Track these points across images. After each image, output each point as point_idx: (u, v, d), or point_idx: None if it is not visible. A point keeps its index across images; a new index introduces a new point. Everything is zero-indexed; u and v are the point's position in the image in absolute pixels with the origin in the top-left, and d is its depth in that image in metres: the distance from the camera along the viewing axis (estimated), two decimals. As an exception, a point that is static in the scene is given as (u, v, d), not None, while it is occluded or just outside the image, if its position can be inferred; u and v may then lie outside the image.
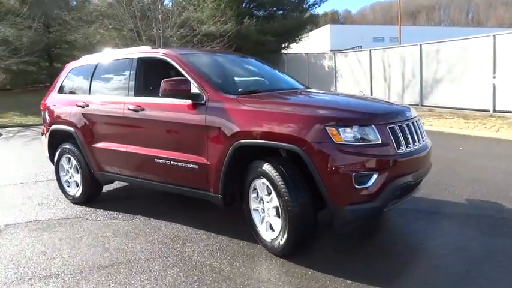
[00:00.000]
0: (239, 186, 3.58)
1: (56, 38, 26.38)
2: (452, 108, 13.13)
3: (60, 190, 5.29)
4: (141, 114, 4.12)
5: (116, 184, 5.56)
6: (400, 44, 24.30)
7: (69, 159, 5.07)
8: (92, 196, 5.01)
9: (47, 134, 5.33)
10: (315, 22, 29.58)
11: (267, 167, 3.23)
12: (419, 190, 3.81)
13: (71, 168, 5.09)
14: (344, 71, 19.14)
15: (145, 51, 4.48)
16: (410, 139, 3.33)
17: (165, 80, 3.69)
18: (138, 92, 4.31)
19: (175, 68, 3.99)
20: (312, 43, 34.78)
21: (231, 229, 3.92)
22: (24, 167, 7.40)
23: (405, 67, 15.34)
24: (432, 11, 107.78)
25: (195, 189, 3.84)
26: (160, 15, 19.49)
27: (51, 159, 5.40)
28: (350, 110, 3.29)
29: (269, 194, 3.30)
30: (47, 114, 5.41)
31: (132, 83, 4.33)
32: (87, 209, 4.85)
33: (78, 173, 4.99)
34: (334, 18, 74.48)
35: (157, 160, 4.03)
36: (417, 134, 3.50)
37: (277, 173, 3.15)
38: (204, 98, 3.65)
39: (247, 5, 25.09)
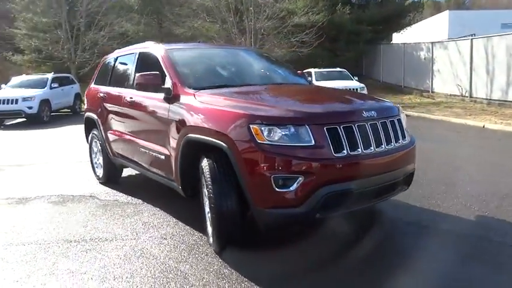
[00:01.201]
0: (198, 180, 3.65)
1: (166, 32, 28.71)
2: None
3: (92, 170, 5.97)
4: (132, 106, 4.43)
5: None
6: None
7: (96, 144, 5.67)
8: (110, 178, 5.53)
9: (84, 121, 6.03)
10: (418, 9, 27.15)
11: (204, 163, 3.24)
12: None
13: (98, 152, 5.69)
14: (441, 62, 17.36)
15: (145, 46, 4.76)
16: (361, 142, 3.01)
17: (139, 73, 3.91)
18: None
19: (159, 62, 4.17)
20: (426, 32, 31.98)
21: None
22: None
23: (512, 59, 13.34)
24: None
25: (167, 179, 4.01)
26: (251, 7, 19.91)
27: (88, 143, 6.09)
28: (282, 108, 3.08)
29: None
30: (85, 102, 6.12)
31: (132, 76, 4.65)
32: (106, 189, 5.37)
33: (101, 156, 5.56)
34: (458, 2, 67.17)
35: (140, 149, 4.32)
36: (379, 137, 3.14)
37: (208, 170, 3.15)
38: (171, 93, 3.78)
39: (343, -7, 24.22)
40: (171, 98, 3.75)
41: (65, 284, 2.93)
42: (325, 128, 2.91)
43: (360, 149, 3.01)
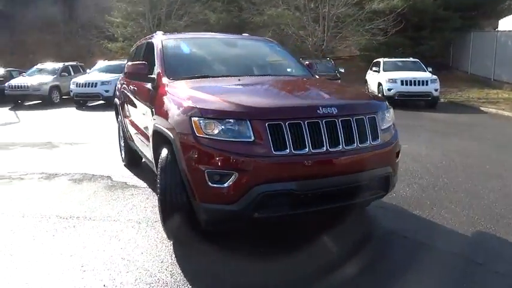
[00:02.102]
0: None
1: (245, 20, 29.03)
2: None
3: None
4: (133, 94, 4.63)
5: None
6: None
7: (120, 128, 6.04)
8: (131, 161, 5.86)
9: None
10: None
11: (161, 154, 3.28)
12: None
13: (121, 136, 6.06)
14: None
15: (152, 36, 4.90)
16: (309, 140, 2.81)
17: (129, 63, 4.06)
18: None
19: (154, 52, 4.28)
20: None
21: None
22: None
23: None
24: None
25: (151, 165, 4.14)
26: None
27: (119, 128, 6.51)
28: (228, 102, 2.96)
29: None
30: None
31: (140, 64, 4.84)
32: (125, 171, 5.72)
33: (123, 139, 5.91)
34: None
35: (136, 135, 4.52)
36: (336, 136, 2.90)
37: (160, 160, 3.19)
38: (155, 82, 3.87)
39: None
40: (155, 87, 3.84)
41: (33, 256, 3.22)
42: (266, 124, 2.76)
43: (307, 148, 2.81)
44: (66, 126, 10.85)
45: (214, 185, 2.78)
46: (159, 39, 4.44)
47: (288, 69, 4.46)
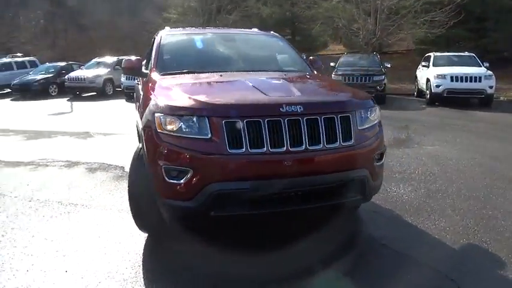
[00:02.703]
0: None
1: (297, 13, 28.69)
2: None
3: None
4: (136, 89, 4.78)
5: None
6: None
7: (139, 120, 6.27)
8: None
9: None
10: None
11: (137, 147, 3.36)
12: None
13: (140, 128, 6.29)
14: None
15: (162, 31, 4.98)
16: (268, 139, 2.73)
17: (125, 58, 4.19)
18: None
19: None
20: None
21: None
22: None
23: None
24: None
25: None
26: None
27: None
28: (191, 98, 2.91)
29: None
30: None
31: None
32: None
33: (140, 131, 6.14)
34: None
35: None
36: (300, 135, 2.79)
37: (134, 154, 3.27)
38: (147, 77, 3.96)
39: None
40: (145, 82, 3.94)
41: (19, 238, 3.46)
42: (223, 122, 2.72)
43: (264, 147, 2.73)
44: (109, 117, 11.44)
45: (172, 181, 2.79)
46: (160, 34, 4.53)
47: (284, 65, 4.33)
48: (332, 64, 14.59)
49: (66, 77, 17.59)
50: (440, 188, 4.62)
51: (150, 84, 3.56)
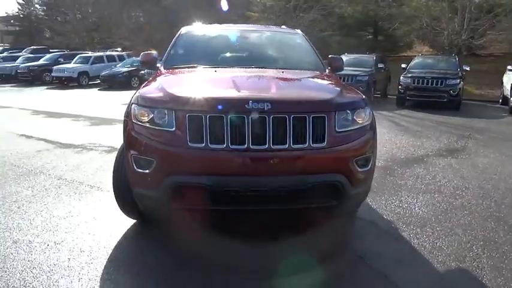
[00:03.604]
0: None
1: (381, 12, 27.45)
2: None
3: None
4: None
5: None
6: None
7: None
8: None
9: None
10: None
11: None
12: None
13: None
14: None
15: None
16: (229, 135, 2.70)
17: (143, 52, 4.40)
18: None
19: (174, 42, 4.53)
20: None
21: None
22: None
23: None
24: None
25: None
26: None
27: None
28: (166, 92, 2.96)
29: None
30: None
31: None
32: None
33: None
34: None
35: None
36: (263, 133, 2.72)
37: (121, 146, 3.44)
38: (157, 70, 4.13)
39: None
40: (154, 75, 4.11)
41: (32, 211, 3.86)
42: (187, 115, 2.76)
43: (224, 143, 2.71)
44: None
45: (140, 170, 2.90)
46: (180, 30, 4.68)
47: (296, 63, 4.19)
48: (403, 66, 13.74)
49: (146, 70, 18.86)
50: (464, 204, 4.15)
51: (154, 78, 3.71)
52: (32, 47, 31.80)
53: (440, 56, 15.38)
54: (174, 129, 2.79)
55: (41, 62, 22.94)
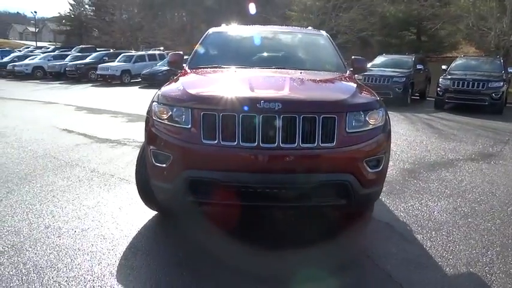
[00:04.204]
0: None
1: (424, 12, 26.64)
2: None
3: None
4: None
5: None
6: None
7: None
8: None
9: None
10: None
11: None
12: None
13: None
14: None
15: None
16: (240, 133, 2.83)
17: (172, 52, 4.60)
18: None
19: (201, 43, 4.71)
20: None
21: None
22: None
23: None
24: None
25: None
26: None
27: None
28: (185, 91, 3.12)
29: None
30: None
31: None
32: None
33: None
34: None
35: None
36: (273, 132, 2.82)
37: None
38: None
39: None
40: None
41: (64, 199, 4.17)
42: (202, 114, 2.91)
43: (235, 141, 2.83)
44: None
45: (158, 164, 3.08)
46: (209, 30, 4.86)
47: (317, 64, 4.25)
48: (444, 67, 13.32)
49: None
50: (487, 210, 4.05)
51: (177, 77, 3.90)
52: (80, 46, 33.49)
53: (484, 57, 14.73)
54: (189, 126, 2.95)
55: (87, 60, 24.14)
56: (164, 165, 3.04)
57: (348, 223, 3.65)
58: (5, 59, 28.73)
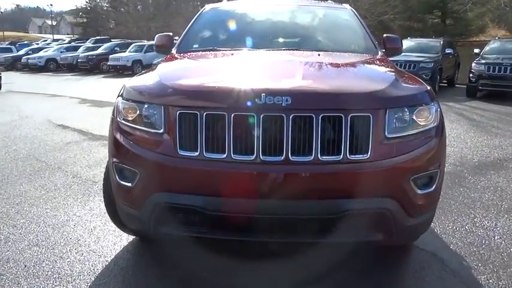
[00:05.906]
0: None
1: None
2: None
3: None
4: None
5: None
6: None
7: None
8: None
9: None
10: None
11: None
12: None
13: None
14: None
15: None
16: (232, 141, 1.97)
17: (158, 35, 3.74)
18: None
19: (194, 22, 3.85)
20: None
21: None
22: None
23: None
24: None
25: None
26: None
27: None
28: (159, 82, 2.25)
29: None
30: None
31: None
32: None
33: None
34: None
35: None
36: (281, 139, 1.95)
37: None
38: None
39: None
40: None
41: (30, 215, 3.41)
42: (177, 113, 2.05)
43: (225, 152, 1.97)
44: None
45: (123, 182, 2.25)
46: (205, 7, 3.97)
47: (341, 43, 3.32)
48: (476, 51, 12.09)
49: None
50: None
51: (160, 63, 3.05)
52: (95, 38, 33.03)
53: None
54: (162, 131, 2.10)
55: (98, 51, 23.55)
56: (130, 184, 2.20)
57: (381, 253, 2.75)
58: (20, 52, 28.52)
